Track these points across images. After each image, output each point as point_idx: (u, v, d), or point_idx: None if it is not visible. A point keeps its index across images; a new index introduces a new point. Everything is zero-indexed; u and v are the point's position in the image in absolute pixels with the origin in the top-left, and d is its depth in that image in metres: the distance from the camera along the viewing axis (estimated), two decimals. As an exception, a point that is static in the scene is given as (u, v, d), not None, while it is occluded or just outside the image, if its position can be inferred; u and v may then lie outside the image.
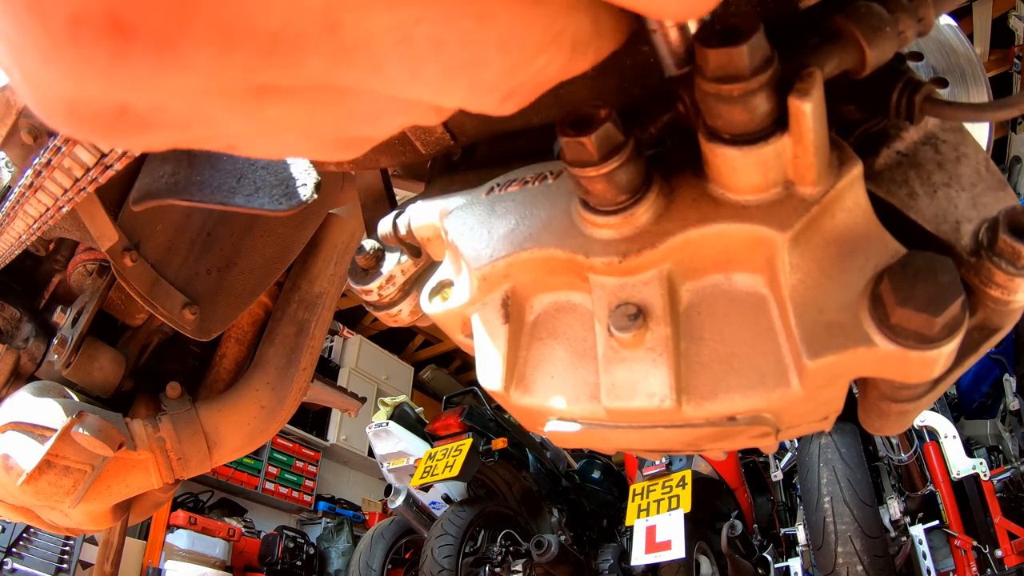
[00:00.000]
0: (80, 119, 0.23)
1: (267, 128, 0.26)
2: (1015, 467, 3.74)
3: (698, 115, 0.42)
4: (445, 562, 4.16)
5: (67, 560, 5.05)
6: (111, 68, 0.20)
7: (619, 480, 5.95)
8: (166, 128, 0.24)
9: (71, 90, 0.21)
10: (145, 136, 0.24)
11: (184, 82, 0.21)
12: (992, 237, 0.44)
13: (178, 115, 0.23)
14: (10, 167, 1.15)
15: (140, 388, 1.48)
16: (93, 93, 0.22)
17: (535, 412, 0.52)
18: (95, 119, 0.23)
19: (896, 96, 0.49)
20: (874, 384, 0.50)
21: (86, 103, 0.22)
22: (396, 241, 0.66)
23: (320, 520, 7.62)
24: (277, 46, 0.21)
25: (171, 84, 0.21)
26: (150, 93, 0.22)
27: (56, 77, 0.21)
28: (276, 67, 0.22)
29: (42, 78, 0.21)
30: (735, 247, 0.45)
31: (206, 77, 0.21)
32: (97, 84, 0.21)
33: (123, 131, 0.24)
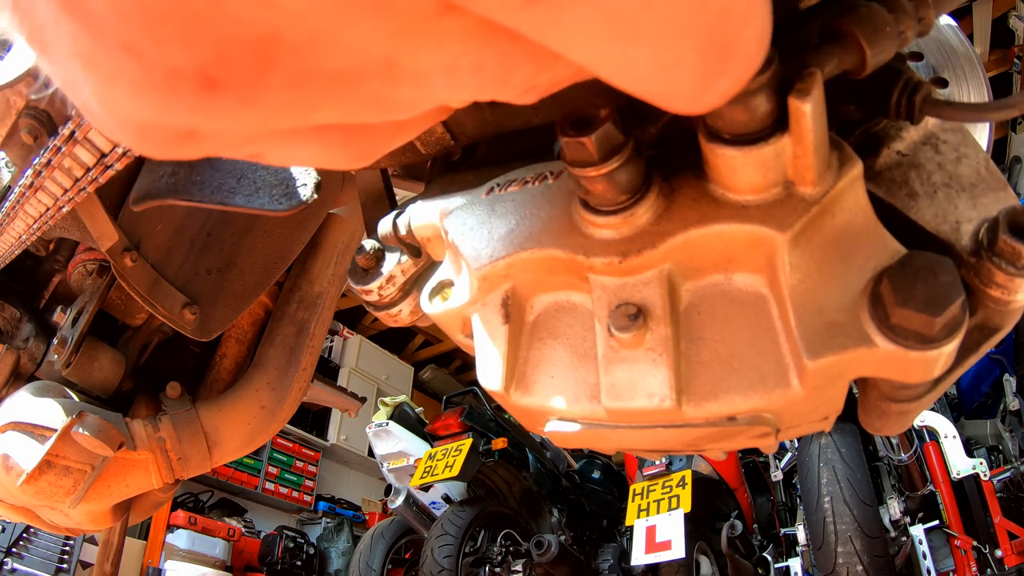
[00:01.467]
0: (150, 140, 0.25)
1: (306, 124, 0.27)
2: (1015, 467, 3.74)
3: (698, 115, 0.42)
4: (445, 562, 4.16)
5: (67, 560, 5.05)
6: (197, 110, 0.22)
7: (619, 480, 5.95)
8: (224, 148, 0.26)
9: (152, 120, 0.23)
10: (200, 150, 0.26)
11: (257, 118, 0.23)
12: (992, 237, 0.44)
13: (236, 137, 0.25)
14: (10, 167, 1.15)
15: (140, 388, 1.48)
16: (170, 123, 0.23)
17: (535, 412, 0.52)
18: (164, 141, 0.25)
19: (896, 96, 0.49)
20: (874, 384, 0.50)
21: (159, 128, 0.24)
22: (396, 241, 0.66)
23: (320, 520, 7.62)
24: (340, 83, 0.23)
25: (246, 119, 0.23)
26: (225, 125, 0.24)
27: (141, 111, 0.22)
28: (337, 99, 0.24)
29: (125, 110, 0.23)
30: (735, 247, 0.45)
31: (275, 112, 0.23)
32: (179, 119, 0.23)
33: (186, 151, 0.25)
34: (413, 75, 0.24)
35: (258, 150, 0.29)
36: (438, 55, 0.24)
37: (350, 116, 0.27)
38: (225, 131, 0.25)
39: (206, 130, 0.24)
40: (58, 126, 0.95)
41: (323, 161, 0.31)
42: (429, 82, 0.25)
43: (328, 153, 0.30)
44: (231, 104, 0.22)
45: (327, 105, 0.24)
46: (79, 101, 0.24)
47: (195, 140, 0.25)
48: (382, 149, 0.32)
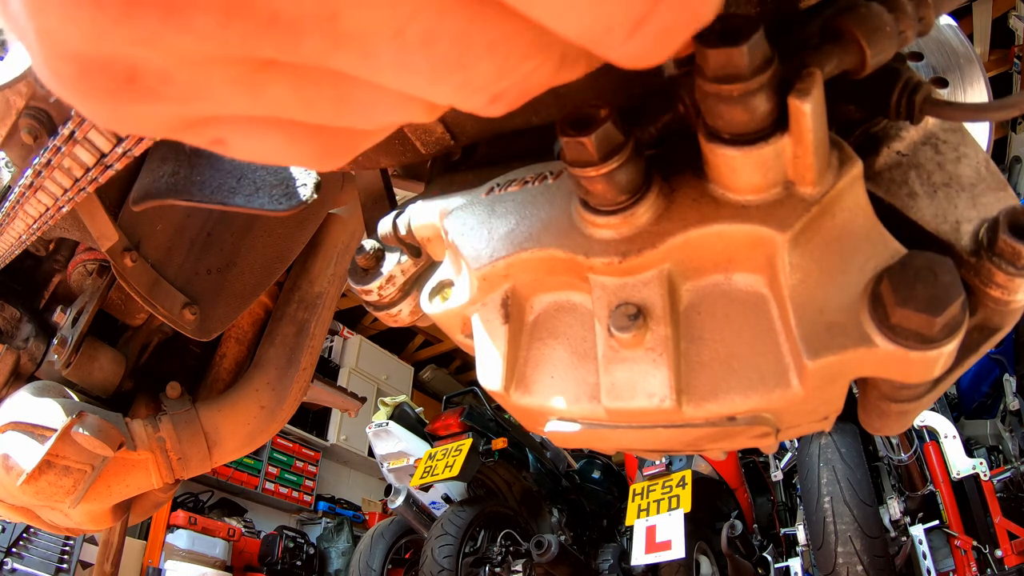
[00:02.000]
0: (90, 84, 0.24)
1: (264, 110, 0.26)
2: (1015, 467, 3.74)
3: (698, 115, 0.42)
4: (445, 562, 4.16)
5: (67, 560, 5.05)
6: (121, 20, 0.22)
7: (619, 480, 5.95)
8: (170, 101, 0.25)
9: (83, 47, 0.23)
10: (149, 107, 0.25)
11: (188, 44, 0.23)
12: (992, 237, 0.44)
13: (183, 87, 0.25)
14: (10, 167, 1.15)
15: (140, 388, 1.48)
16: (104, 51, 0.23)
17: (535, 412, 0.52)
18: (105, 84, 0.24)
19: (896, 96, 0.49)
20: (874, 384, 0.50)
21: (97, 67, 0.23)
22: (396, 241, 0.66)
23: (320, 520, 7.62)
24: (276, 23, 0.23)
25: (176, 45, 0.23)
26: (157, 53, 0.23)
27: (71, 33, 0.22)
28: (275, 42, 0.23)
29: (57, 34, 0.23)
30: (735, 247, 0.45)
31: (208, 41, 0.23)
32: (108, 40, 0.22)
33: (130, 99, 0.25)
34: (357, 36, 0.23)
35: (219, 134, 0.28)
36: (384, 9, 0.23)
37: (304, 96, 0.26)
38: (167, 77, 0.24)
39: (146, 74, 0.24)
40: (58, 126, 0.95)
41: (289, 158, 0.30)
42: (376, 50, 0.24)
43: (294, 149, 0.29)
44: (155, 20, 0.22)
45: (270, 54, 0.24)
46: (25, 40, 0.24)
47: (139, 88, 0.24)
48: (350, 151, 0.31)
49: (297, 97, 0.26)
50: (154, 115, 0.26)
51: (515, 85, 0.27)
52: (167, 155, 1.14)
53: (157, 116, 0.26)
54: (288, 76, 0.25)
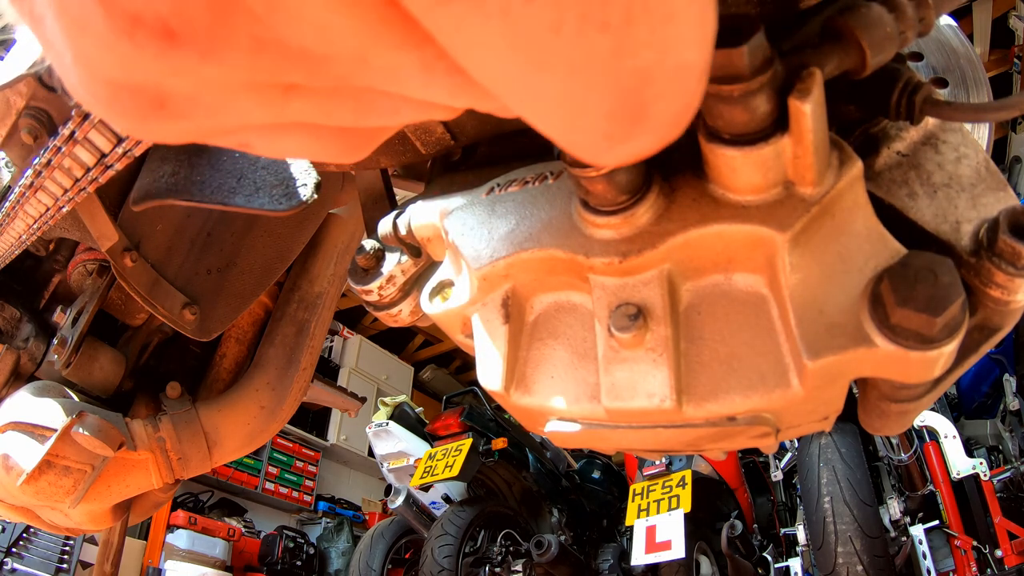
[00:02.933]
0: (122, 106, 0.25)
1: (287, 119, 0.28)
2: (1015, 467, 3.74)
3: (698, 115, 0.42)
4: (445, 562, 4.16)
5: (67, 560, 5.04)
6: (158, 60, 0.23)
7: (619, 480, 5.95)
8: (197, 119, 0.26)
9: (119, 76, 0.24)
10: (177, 124, 0.27)
11: (218, 75, 0.24)
12: (992, 237, 0.44)
13: (209, 107, 0.26)
14: (10, 167, 1.15)
15: (140, 388, 1.48)
16: (138, 81, 0.24)
17: (535, 412, 0.52)
18: (136, 108, 0.25)
19: (896, 96, 0.49)
20: (874, 384, 0.50)
21: (130, 92, 0.24)
22: (396, 241, 0.66)
23: (320, 520, 7.62)
24: (305, 58, 0.24)
25: (207, 76, 0.24)
26: (189, 84, 0.24)
27: (108, 63, 0.23)
28: (302, 72, 0.24)
29: (94, 63, 0.24)
30: (735, 247, 0.45)
31: (238, 72, 0.24)
32: (144, 72, 0.23)
33: (159, 119, 0.26)
34: (386, 69, 0.24)
35: (244, 139, 0.29)
36: (413, 52, 0.23)
37: (328, 108, 0.27)
38: (196, 99, 0.25)
39: (176, 100, 0.25)
40: (58, 126, 0.95)
41: (314, 154, 0.31)
42: (403, 78, 0.25)
43: (318, 146, 0.30)
44: (191, 59, 0.23)
45: (297, 81, 0.25)
46: (59, 63, 0.25)
47: (168, 108, 0.25)
48: (373, 143, 0.32)
49: (320, 109, 0.27)
50: (180, 130, 0.27)
51: None
52: (167, 155, 1.14)
53: (184, 130, 0.27)
54: (313, 93, 0.26)
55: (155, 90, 0.24)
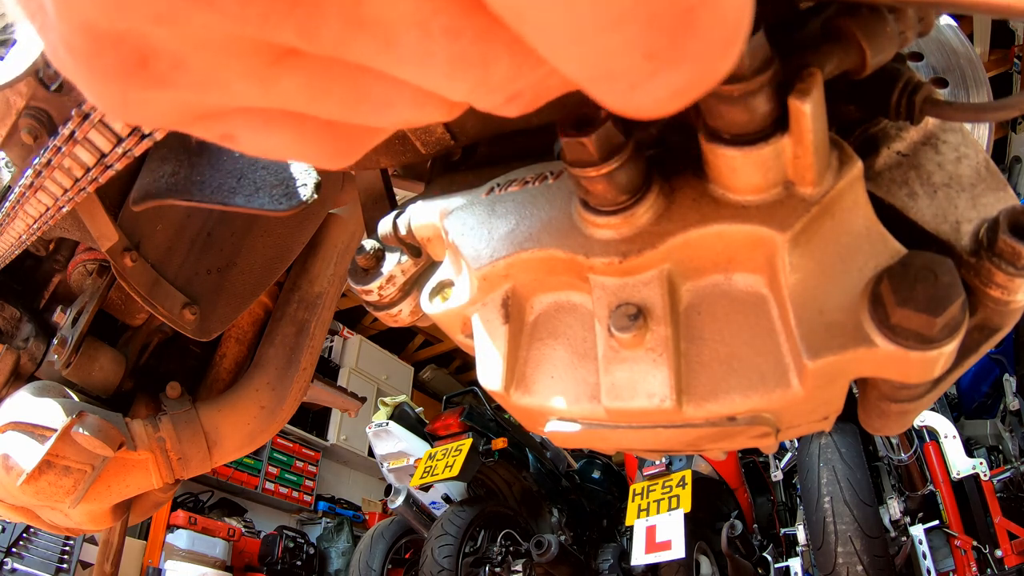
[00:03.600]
0: (102, 61, 0.24)
1: (276, 102, 0.26)
2: (1015, 467, 3.74)
3: (698, 115, 0.42)
4: (445, 562, 4.16)
5: (67, 560, 5.05)
6: None
7: (619, 480, 5.95)
8: (181, 89, 0.25)
9: (101, 20, 0.22)
10: (159, 94, 0.25)
11: (206, 22, 0.22)
12: (992, 237, 0.44)
13: (195, 74, 0.24)
14: (10, 167, 1.15)
15: (140, 388, 1.48)
16: (121, 25, 0.22)
17: (535, 412, 0.52)
18: (117, 63, 0.24)
19: (896, 96, 0.49)
20: (874, 384, 0.50)
21: (111, 43, 0.23)
22: (396, 241, 0.66)
23: (320, 520, 7.62)
24: (298, 4, 0.22)
25: (194, 22, 0.22)
26: (173, 32, 0.22)
27: (85, 6, 0.22)
28: (295, 24, 0.23)
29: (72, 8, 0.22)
30: (735, 247, 0.45)
31: (228, 19, 0.22)
32: (127, 9, 0.22)
33: (140, 83, 0.24)
34: (380, 22, 0.23)
35: (229, 128, 0.28)
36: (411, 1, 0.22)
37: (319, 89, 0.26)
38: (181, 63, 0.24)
39: (160, 58, 0.23)
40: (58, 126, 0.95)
41: (299, 154, 0.30)
42: (398, 39, 0.23)
43: (304, 145, 0.29)
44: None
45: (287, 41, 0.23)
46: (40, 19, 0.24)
47: (151, 73, 0.24)
48: (360, 148, 0.31)
49: (311, 90, 0.26)
50: (163, 103, 0.26)
51: (532, 86, 0.27)
52: (167, 155, 1.14)
53: (166, 104, 0.26)
54: (303, 67, 0.25)
55: (138, 42, 0.23)
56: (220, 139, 0.29)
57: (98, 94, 0.25)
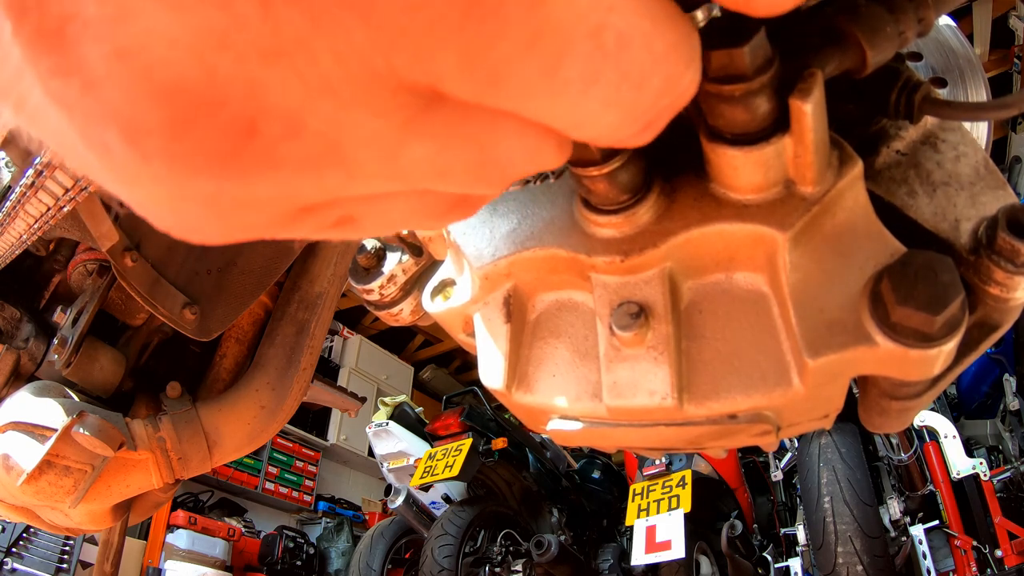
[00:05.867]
0: (190, 144, 0.17)
1: (397, 184, 0.22)
2: (1015, 467, 3.74)
3: (699, 115, 0.42)
4: (445, 562, 4.16)
5: (67, 560, 5.04)
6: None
7: (619, 480, 5.95)
8: (291, 168, 0.19)
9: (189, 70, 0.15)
10: (262, 184, 0.19)
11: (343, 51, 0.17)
12: (991, 235, 0.45)
13: (312, 141, 0.19)
14: (11, 167, 1.15)
15: (140, 388, 1.49)
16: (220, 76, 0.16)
17: (537, 411, 0.52)
18: (214, 141, 0.17)
19: (895, 96, 0.49)
20: (874, 382, 0.50)
21: (206, 111, 0.16)
22: (398, 240, 0.66)
23: (320, 520, 7.61)
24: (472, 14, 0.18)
25: (325, 50, 0.17)
26: (291, 69, 0.16)
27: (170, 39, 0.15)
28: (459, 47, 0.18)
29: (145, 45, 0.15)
30: (736, 246, 0.45)
31: (377, 42, 0.17)
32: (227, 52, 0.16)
33: (242, 167, 0.18)
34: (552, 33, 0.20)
35: (346, 211, 0.23)
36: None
37: (447, 155, 0.22)
38: (297, 126, 0.18)
39: (271, 123, 0.18)
40: (59, 126, 0.95)
41: (409, 223, 0.26)
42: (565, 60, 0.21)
43: (425, 220, 0.26)
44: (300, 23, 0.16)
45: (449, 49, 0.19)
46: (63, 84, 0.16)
47: (259, 146, 0.18)
48: (477, 206, 0.28)
49: (439, 160, 0.22)
50: (264, 194, 0.19)
51: (669, 106, 0.25)
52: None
53: (268, 195, 0.19)
54: (437, 126, 0.21)
55: (245, 99, 0.17)
56: (333, 228, 0.23)
57: (172, 191, 0.18)
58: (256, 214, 0.20)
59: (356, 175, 0.20)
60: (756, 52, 0.36)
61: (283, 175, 0.19)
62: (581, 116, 0.23)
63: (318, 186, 0.20)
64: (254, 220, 0.20)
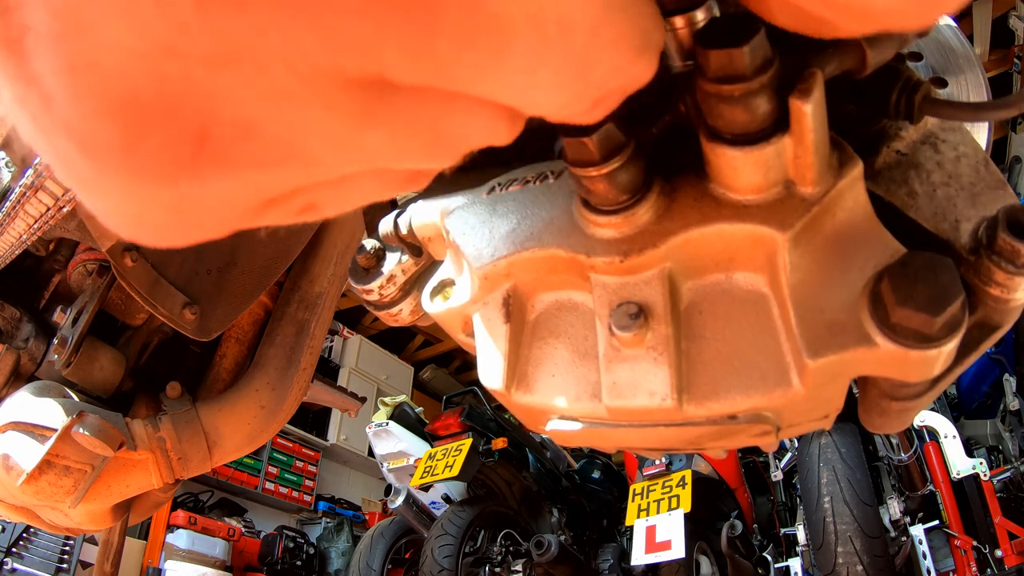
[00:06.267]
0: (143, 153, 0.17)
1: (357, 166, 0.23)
2: (1015, 467, 3.74)
3: (699, 115, 0.42)
4: (445, 562, 4.16)
5: (67, 560, 5.04)
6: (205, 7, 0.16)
7: (619, 480, 5.95)
8: (247, 167, 0.19)
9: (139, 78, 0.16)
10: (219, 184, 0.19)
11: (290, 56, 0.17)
12: (991, 236, 0.44)
13: (269, 142, 0.19)
14: (10, 167, 1.15)
15: (140, 388, 1.48)
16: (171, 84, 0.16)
17: (536, 411, 0.52)
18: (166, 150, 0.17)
19: (896, 96, 0.49)
20: (874, 382, 0.50)
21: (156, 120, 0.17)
22: (397, 240, 0.66)
23: (320, 520, 7.61)
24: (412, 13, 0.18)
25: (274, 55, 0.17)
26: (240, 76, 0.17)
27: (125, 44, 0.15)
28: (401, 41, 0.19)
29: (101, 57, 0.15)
30: (736, 246, 0.45)
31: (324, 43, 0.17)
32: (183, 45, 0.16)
33: (196, 172, 0.18)
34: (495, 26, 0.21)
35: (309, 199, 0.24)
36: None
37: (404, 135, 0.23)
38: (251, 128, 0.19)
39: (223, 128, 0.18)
40: (59, 126, 0.95)
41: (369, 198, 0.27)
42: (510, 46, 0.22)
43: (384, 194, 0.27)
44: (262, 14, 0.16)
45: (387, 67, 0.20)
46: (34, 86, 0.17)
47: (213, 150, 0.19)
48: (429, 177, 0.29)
49: (395, 141, 0.22)
50: (223, 195, 0.20)
51: (619, 88, 0.26)
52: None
53: (227, 196, 0.20)
54: (390, 112, 0.21)
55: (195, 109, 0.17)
56: (297, 215, 0.24)
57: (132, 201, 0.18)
58: (219, 212, 0.21)
59: (315, 166, 0.21)
60: (756, 52, 0.36)
61: (241, 175, 0.19)
62: (529, 97, 0.24)
63: (279, 180, 0.21)
64: (218, 218, 0.21)
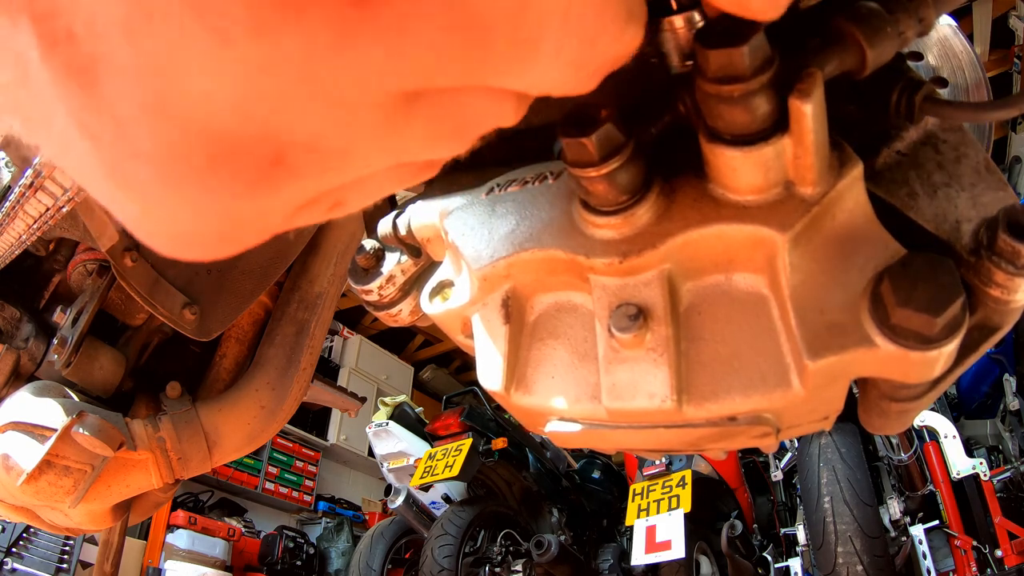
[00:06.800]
0: (223, 175, 0.18)
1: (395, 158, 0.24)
2: (1015, 467, 3.74)
3: (699, 115, 0.42)
4: (445, 562, 4.16)
5: (67, 560, 5.04)
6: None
7: (619, 480, 5.95)
8: (306, 177, 0.20)
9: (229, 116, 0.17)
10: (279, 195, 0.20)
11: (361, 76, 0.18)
12: (992, 236, 0.44)
13: (326, 152, 0.20)
14: (10, 167, 1.15)
15: (140, 388, 1.48)
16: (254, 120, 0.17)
17: (536, 412, 0.52)
18: (245, 172, 0.18)
19: (896, 96, 0.49)
20: (874, 383, 0.50)
21: (241, 148, 0.18)
22: (396, 241, 0.66)
23: (320, 520, 7.61)
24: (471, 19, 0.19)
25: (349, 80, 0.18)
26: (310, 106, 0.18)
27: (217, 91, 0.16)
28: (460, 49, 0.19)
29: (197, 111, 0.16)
30: (736, 247, 0.45)
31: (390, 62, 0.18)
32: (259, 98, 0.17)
33: (267, 187, 0.19)
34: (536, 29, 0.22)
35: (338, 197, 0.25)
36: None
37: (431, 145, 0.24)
38: (316, 143, 0.20)
39: (294, 149, 0.19)
40: (58, 126, 0.95)
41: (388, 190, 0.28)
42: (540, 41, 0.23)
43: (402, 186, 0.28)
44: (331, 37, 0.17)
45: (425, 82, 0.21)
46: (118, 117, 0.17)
47: (285, 168, 0.20)
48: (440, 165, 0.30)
49: (429, 133, 0.23)
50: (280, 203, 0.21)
51: (617, 56, 0.27)
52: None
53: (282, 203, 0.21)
54: (422, 113, 0.22)
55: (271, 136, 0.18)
56: (326, 214, 0.25)
57: (196, 219, 0.19)
58: (266, 220, 0.22)
59: (357, 168, 0.22)
60: (755, 52, 0.36)
61: (300, 185, 0.20)
62: (542, 79, 0.25)
63: (324, 184, 0.22)
64: (263, 226, 0.22)
